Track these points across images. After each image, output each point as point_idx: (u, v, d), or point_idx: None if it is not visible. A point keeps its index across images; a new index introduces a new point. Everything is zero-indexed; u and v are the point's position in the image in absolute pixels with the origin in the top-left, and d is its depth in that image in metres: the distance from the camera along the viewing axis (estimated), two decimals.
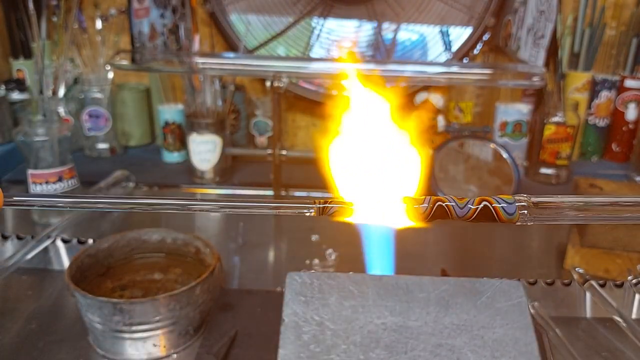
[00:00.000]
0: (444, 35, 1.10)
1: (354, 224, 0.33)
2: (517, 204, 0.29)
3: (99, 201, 0.29)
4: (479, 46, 1.10)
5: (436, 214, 0.30)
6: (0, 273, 0.61)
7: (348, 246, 0.75)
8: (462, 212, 0.30)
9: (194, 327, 0.55)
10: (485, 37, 1.09)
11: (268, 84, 0.85)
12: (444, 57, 1.11)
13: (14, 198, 0.27)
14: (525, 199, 0.30)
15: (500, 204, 0.29)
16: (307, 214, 0.29)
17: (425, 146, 0.96)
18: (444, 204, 0.30)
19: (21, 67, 1.10)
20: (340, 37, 1.10)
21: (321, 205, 0.29)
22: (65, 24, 0.87)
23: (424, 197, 0.30)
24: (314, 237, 0.78)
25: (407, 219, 0.30)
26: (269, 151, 0.91)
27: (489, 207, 0.29)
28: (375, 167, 0.33)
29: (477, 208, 0.29)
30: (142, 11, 0.97)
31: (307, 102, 1.13)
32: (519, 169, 0.92)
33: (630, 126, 1.09)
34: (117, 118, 1.10)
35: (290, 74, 0.86)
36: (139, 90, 1.13)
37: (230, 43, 1.09)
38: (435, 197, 0.30)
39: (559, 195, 0.31)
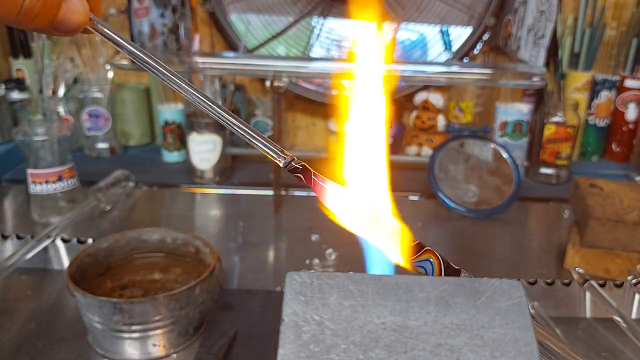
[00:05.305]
0: (444, 35, 1.10)
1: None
2: None
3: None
4: (479, 46, 1.10)
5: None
6: None
7: (348, 246, 0.75)
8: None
9: (193, 327, 0.55)
10: (485, 37, 1.09)
11: (268, 83, 0.85)
12: (444, 57, 1.11)
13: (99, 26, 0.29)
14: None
15: None
16: (276, 160, 0.30)
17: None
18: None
19: (21, 67, 1.10)
20: (340, 36, 1.10)
21: (291, 162, 0.30)
22: None
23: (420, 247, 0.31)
24: (314, 237, 0.78)
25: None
26: None
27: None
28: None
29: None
30: (142, 11, 0.97)
31: (307, 102, 1.13)
32: (519, 169, 0.92)
33: (630, 126, 1.09)
34: (116, 118, 1.10)
35: (290, 74, 0.86)
36: (138, 90, 1.13)
37: (230, 43, 1.09)
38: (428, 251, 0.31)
39: None
